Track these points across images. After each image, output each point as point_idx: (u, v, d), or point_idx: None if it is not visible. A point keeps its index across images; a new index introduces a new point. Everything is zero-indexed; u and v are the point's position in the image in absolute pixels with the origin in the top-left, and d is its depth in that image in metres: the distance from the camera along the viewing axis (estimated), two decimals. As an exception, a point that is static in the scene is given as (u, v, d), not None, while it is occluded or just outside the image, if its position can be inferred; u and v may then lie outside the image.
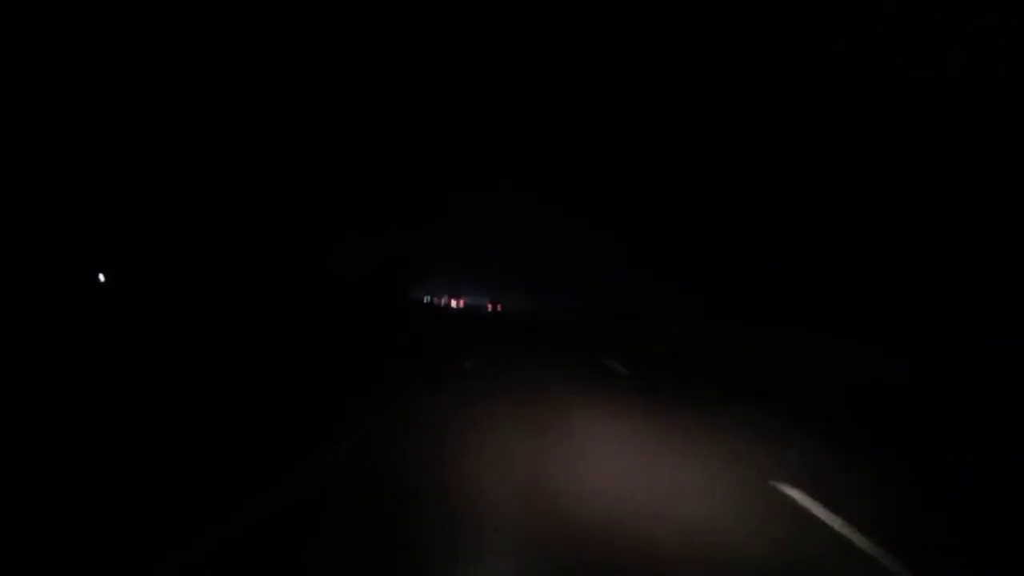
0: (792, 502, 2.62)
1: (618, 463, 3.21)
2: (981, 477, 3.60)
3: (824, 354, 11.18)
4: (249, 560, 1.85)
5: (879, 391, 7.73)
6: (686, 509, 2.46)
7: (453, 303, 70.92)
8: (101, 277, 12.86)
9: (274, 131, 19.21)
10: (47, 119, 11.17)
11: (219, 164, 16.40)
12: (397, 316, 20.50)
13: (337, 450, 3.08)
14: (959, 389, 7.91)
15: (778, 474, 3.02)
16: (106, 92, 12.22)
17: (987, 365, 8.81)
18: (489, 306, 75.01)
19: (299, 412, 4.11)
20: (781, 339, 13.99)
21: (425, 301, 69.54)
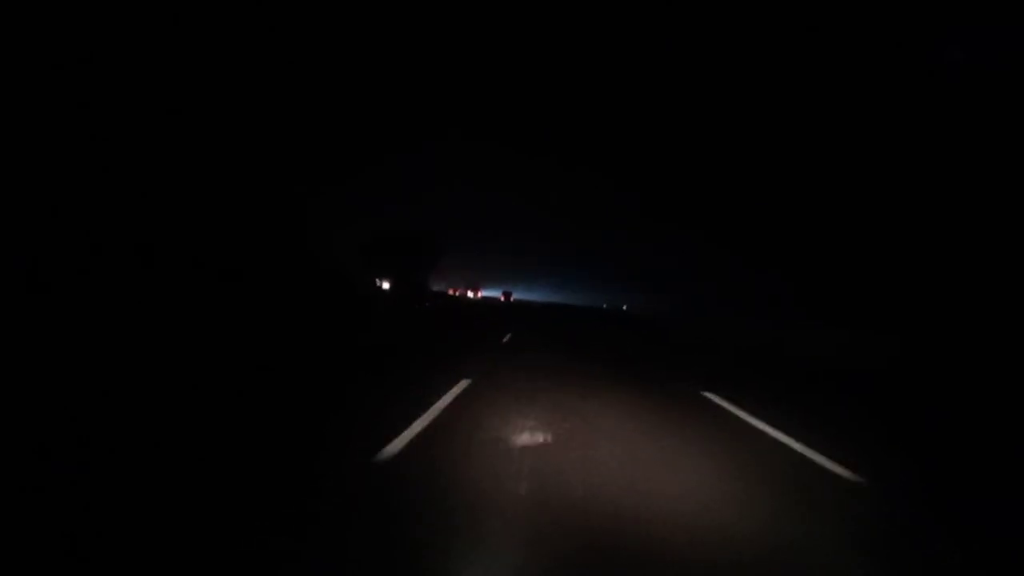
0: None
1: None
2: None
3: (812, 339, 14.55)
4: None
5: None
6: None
7: (470, 294, 70.74)
8: None
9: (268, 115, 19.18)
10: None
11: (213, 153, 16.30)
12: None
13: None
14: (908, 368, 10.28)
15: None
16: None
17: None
18: (503, 297, 75.97)
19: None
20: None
21: (474, 296, 69.30)
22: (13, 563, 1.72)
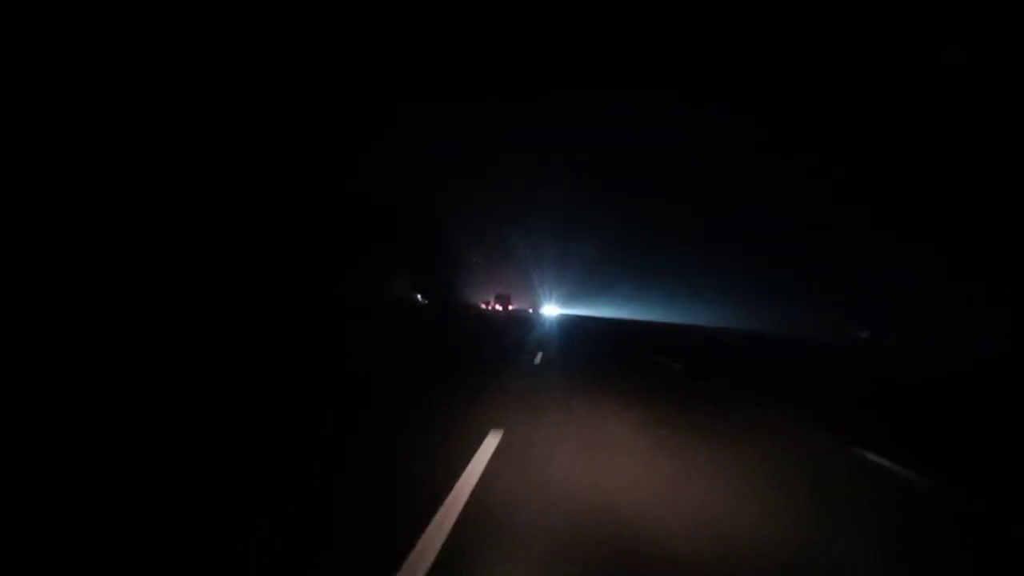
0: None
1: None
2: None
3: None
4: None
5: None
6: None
7: (499, 307, 59.16)
8: None
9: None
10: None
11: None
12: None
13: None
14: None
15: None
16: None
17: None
18: (530, 309, 72.23)
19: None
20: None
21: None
22: (13, 563, 1.69)
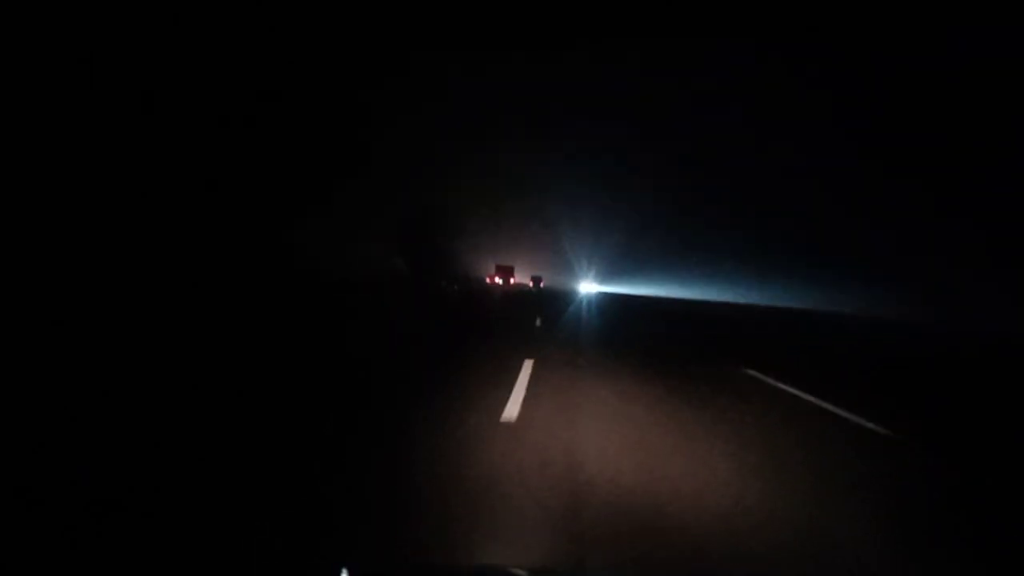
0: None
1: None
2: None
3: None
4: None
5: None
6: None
7: (499, 280, 54.18)
8: None
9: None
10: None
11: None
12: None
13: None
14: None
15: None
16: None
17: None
18: (531, 284, 68.27)
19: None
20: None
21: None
22: (13, 563, 1.69)
